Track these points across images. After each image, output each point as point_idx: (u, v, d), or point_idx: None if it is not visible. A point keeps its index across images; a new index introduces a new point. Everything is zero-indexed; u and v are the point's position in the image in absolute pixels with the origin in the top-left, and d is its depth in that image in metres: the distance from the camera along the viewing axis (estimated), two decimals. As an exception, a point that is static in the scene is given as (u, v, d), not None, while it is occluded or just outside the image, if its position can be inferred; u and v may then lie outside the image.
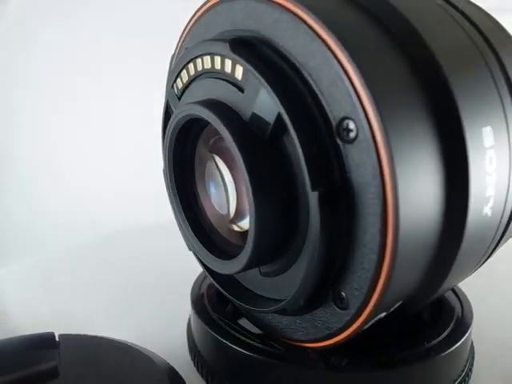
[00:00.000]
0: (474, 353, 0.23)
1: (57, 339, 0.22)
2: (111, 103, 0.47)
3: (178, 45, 0.23)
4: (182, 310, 0.26)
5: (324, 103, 0.16)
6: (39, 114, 0.51)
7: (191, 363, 0.25)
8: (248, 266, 0.19)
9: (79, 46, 0.49)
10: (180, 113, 0.19)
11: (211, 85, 0.19)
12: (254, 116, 0.17)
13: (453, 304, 0.23)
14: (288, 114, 0.16)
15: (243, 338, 0.22)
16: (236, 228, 0.20)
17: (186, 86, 0.21)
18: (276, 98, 0.16)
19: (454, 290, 0.24)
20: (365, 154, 0.15)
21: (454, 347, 0.20)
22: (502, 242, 0.20)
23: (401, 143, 0.15)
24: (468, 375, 0.22)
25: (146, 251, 0.36)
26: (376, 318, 0.18)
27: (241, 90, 0.18)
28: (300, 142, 0.16)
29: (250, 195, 0.17)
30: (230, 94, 0.18)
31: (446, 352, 0.20)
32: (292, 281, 0.19)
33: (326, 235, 0.16)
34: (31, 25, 0.49)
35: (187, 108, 0.19)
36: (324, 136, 0.16)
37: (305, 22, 0.16)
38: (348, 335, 0.18)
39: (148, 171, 0.24)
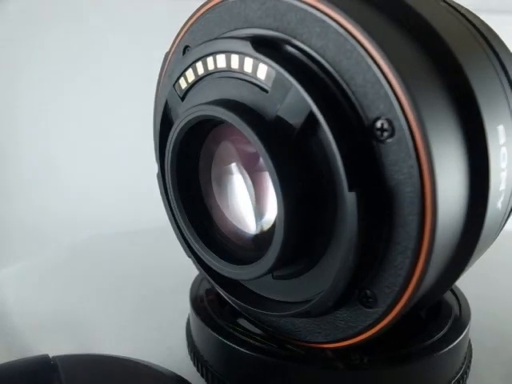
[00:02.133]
0: (471, 350, 0.23)
1: (52, 361, 0.20)
2: (110, 104, 0.46)
3: (174, 42, 0.22)
4: (179, 314, 0.26)
5: (356, 103, 0.16)
6: (40, 114, 0.50)
7: (194, 368, 0.24)
8: (270, 270, 0.18)
9: (79, 45, 0.48)
10: (192, 113, 0.19)
11: (225, 85, 0.18)
12: (280, 116, 0.17)
13: (450, 303, 0.23)
14: (322, 113, 0.15)
15: (254, 342, 0.21)
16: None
17: (191, 86, 0.20)
18: (309, 98, 0.16)
19: (451, 289, 0.24)
20: (403, 153, 0.15)
21: (455, 342, 0.21)
22: (500, 231, 0.21)
23: (436, 143, 0.15)
24: (468, 368, 0.23)
25: (145, 253, 0.36)
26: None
27: (263, 90, 0.17)
28: (336, 141, 0.15)
29: (280, 197, 0.16)
30: (250, 95, 0.18)
31: (449, 347, 0.21)
32: (314, 282, 0.19)
33: (362, 235, 0.16)
34: (31, 24, 0.48)
35: (201, 109, 0.18)
36: (357, 135, 0.16)
37: (337, 22, 0.16)
38: (374, 333, 0.18)
39: (150, 173, 0.23)
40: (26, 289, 0.32)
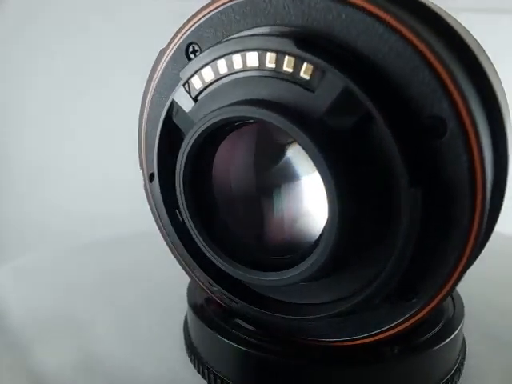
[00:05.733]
0: (465, 347, 0.24)
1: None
2: (111, 104, 0.42)
3: (173, 40, 0.20)
4: (176, 315, 0.26)
5: (408, 102, 0.16)
6: (40, 115, 0.49)
7: (193, 368, 0.24)
8: (315, 274, 0.18)
9: (78, 45, 0.46)
10: (217, 115, 0.17)
11: (254, 84, 0.18)
12: (328, 115, 0.16)
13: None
14: (380, 112, 0.16)
15: (266, 345, 0.21)
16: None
17: (207, 86, 0.19)
18: (365, 97, 0.16)
19: None
20: (456, 150, 0.16)
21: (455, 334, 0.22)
22: None
23: (483, 141, 0.16)
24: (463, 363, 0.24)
25: (146, 253, 0.35)
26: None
27: (306, 89, 0.17)
28: (394, 139, 0.16)
29: (334, 197, 0.16)
30: (288, 94, 0.17)
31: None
32: (352, 281, 0.19)
33: (419, 231, 0.16)
34: (30, 24, 0.46)
35: (233, 110, 0.17)
36: (411, 134, 0.16)
37: (387, 23, 0.16)
38: (410, 325, 0.19)
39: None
40: (25, 288, 0.32)
